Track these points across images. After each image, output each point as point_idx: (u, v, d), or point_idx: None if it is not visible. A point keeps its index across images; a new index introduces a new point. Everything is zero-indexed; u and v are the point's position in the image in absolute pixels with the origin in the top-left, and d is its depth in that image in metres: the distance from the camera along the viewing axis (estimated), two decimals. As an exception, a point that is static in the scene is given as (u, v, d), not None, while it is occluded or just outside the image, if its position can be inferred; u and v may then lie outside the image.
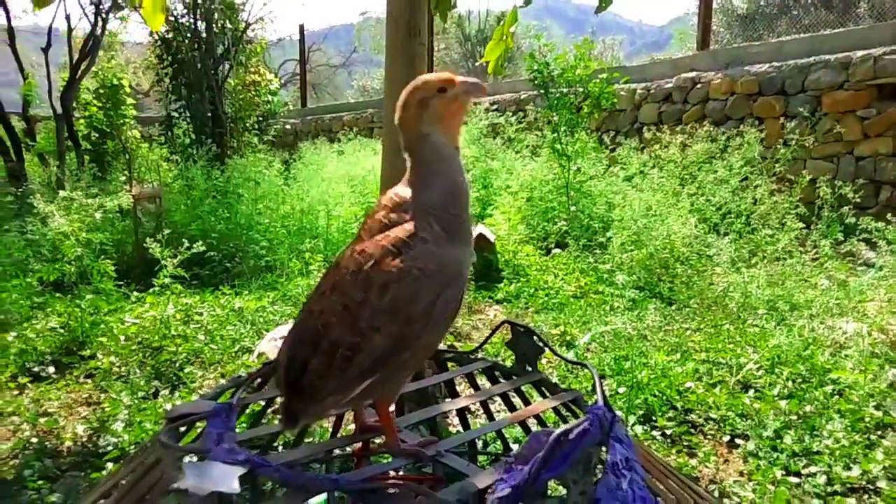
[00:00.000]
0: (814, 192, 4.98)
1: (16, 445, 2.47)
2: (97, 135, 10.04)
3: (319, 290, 1.04)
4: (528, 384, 1.21)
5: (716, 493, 2.17)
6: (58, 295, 4.18)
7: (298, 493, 0.78)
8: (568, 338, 3.51)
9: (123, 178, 7.05)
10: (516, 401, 1.35)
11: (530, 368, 1.24)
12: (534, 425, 1.37)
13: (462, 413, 1.43)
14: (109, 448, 2.41)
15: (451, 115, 1.08)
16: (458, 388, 1.45)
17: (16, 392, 2.98)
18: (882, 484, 2.11)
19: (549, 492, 0.80)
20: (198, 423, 1.03)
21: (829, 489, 2.14)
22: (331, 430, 1.37)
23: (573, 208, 5.62)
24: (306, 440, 1.51)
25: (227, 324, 3.76)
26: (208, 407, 0.98)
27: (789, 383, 2.79)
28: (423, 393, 1.39)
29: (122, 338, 3.41)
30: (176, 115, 9.03)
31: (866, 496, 2.10)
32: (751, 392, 2.77)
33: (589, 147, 6.27)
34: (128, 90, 10.41)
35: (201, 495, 0.70)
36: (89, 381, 3.14)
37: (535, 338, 1.26)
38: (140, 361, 3.21)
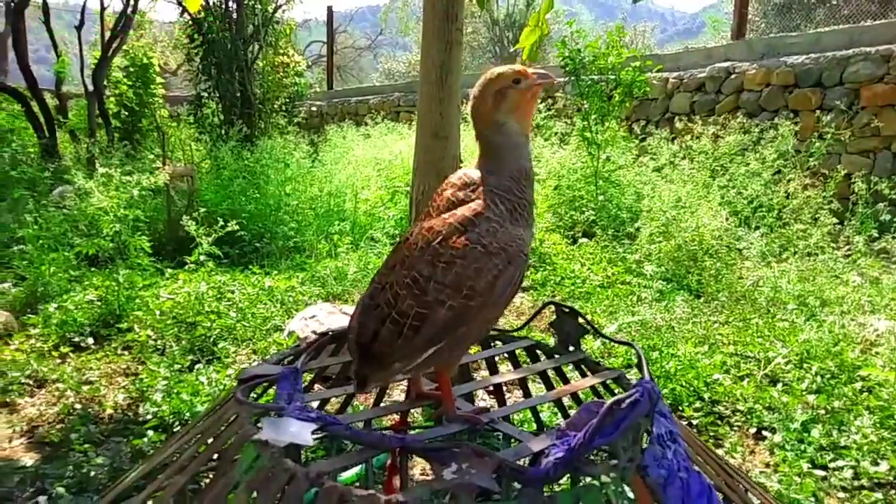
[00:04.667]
0: (848, 188, 4.90)
1: (61, 411, 2.57)
2: (127, 113, 10.21)
3: (388, 264, 1.10)
4: (569, 364, 1.24)
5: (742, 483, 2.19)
6: (93, 269, 4.29)
7: (367, 450, 0.83)
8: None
9: (152, 157, 7.17)
10: (558, 385, 1.39)
11: (573, 349, 1.27)
12: (573, 407, 1.41)
13: (499, 391, 1.47)
14: (149, 417, 2.50)
15: (526, 105, 1.14)
16: (499, 366, 1.48)
17: (58, 360, 3.09)
18: (911, 480, 2.11)
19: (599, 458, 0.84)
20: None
21: (855, 483, 2.14)
22: (374, 399, 1.42)
23: (601, 198, 5.60)
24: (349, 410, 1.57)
25: (257, 302, 3.84)
26: (276, 370, 1.03)
27: (818, 378, 2.78)
28: (464, 368, 1.43)
29: (158, 312, 3.51)
30: (205, 94, 9.13)
31: (893, 491, 2.11)
32: (779, 386, 2.77)
33: (619, 136, 6.23)
34: (157, 69, 10.55)
35: (280, 446, 0.75)
36: (127, 352, 3.24)
37: (579, 319, 1.29)
38: (176, 336, 3.30)
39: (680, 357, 2.96)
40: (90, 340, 3.33)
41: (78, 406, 2.62)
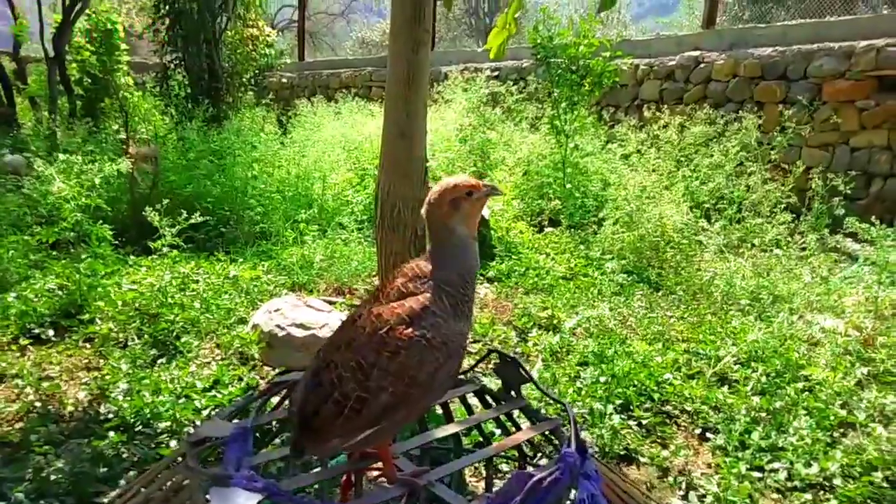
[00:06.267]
0: (806, 181, 5.04)
1: (21, 409, 2.57)
2: (90, 80, 9.84)
3: (335, 343, 1.17)
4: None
5: (683, 485, 2.31)
6: (54, 254, 4.22)
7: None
8: (555, 321, 3.62)
9: (117, 127, 6.96)
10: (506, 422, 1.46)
11: (515, 395, 1.35)
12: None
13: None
14: (111, 416, 2.51)
15: (475, 213, 1.25)
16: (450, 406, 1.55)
17: (17, 354, 3.07)
18: (837, 481, 2.25)
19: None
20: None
21: (788, 485, 2.28)
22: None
23: (568, 185, 5.66)
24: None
25: (222, 292, 3.83)
26: (227, 429, 1.08)
27: (763, 379, 2.91)
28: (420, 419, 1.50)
29: (120, 303, 3.47)
30: (171, 66, 8.87)
31: (822, 493, 2.25)
32: (725, 388, 2.89)
33: (588, 124, 6.27)
34: (122, 35, 10.16)
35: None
36: (88, 345, 3.23)
37: (520, 369, 1.37)
38: (138, 329, 3.29)
39: (634, 356, 3.07)
40: (51, 332, 3.29)
41: (38, 404, 2.62)
